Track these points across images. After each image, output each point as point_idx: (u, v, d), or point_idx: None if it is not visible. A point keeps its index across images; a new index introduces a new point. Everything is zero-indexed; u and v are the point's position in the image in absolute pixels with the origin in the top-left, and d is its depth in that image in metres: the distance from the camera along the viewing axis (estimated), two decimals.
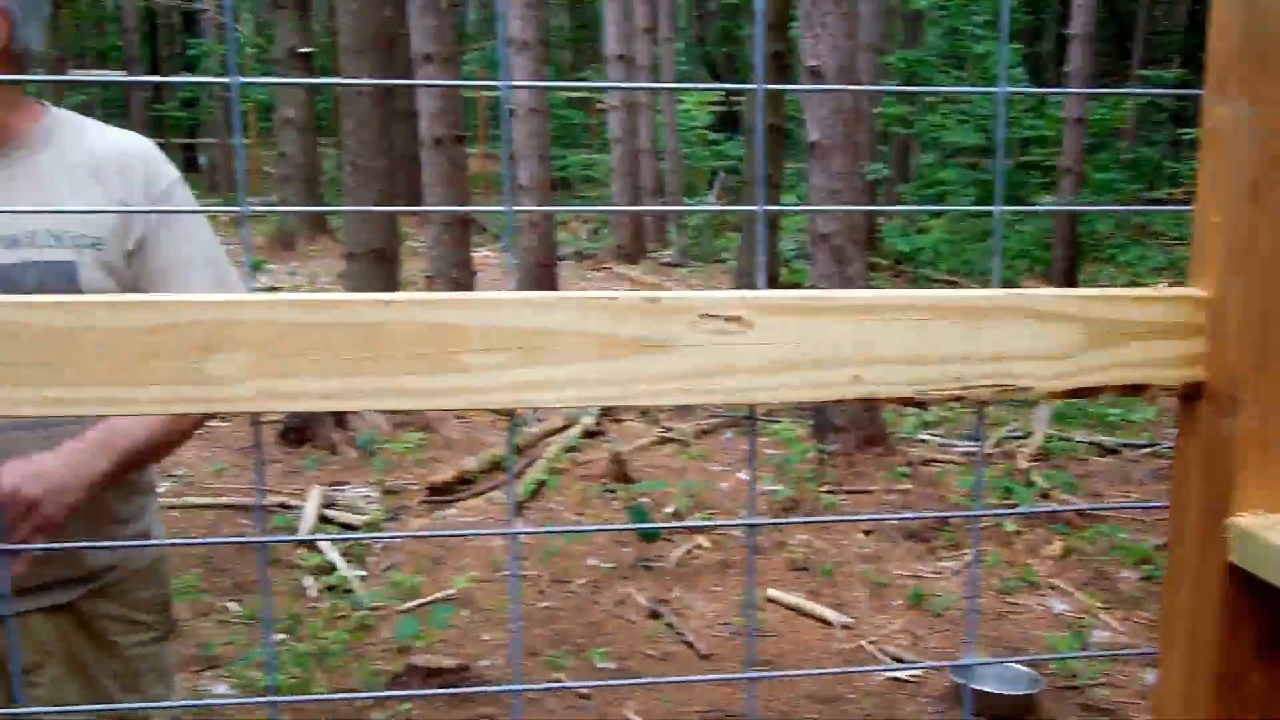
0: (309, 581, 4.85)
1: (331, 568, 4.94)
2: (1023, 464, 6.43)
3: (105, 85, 26.54)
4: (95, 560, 1.92)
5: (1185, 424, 1.03)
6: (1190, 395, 1.01)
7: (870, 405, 3.65)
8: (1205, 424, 1.01)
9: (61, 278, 1.80)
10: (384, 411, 4.44)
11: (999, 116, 1.00)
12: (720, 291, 0.95)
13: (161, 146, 2.02)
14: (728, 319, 0.94)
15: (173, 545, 1.17)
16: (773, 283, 11.95)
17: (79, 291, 1.79)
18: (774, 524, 1.04)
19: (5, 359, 0.83)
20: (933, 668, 1.76)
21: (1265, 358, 0.97)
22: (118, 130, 1.98)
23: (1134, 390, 1.03)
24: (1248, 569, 0.97)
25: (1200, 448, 1.01)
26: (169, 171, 1.96)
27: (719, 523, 1.35)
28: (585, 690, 4.03)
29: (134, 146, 1.95)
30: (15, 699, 1.85)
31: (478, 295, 0.90)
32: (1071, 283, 13.38)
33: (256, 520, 1.93)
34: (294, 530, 5.30)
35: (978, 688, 3.94)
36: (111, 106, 26.20)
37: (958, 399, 0.99)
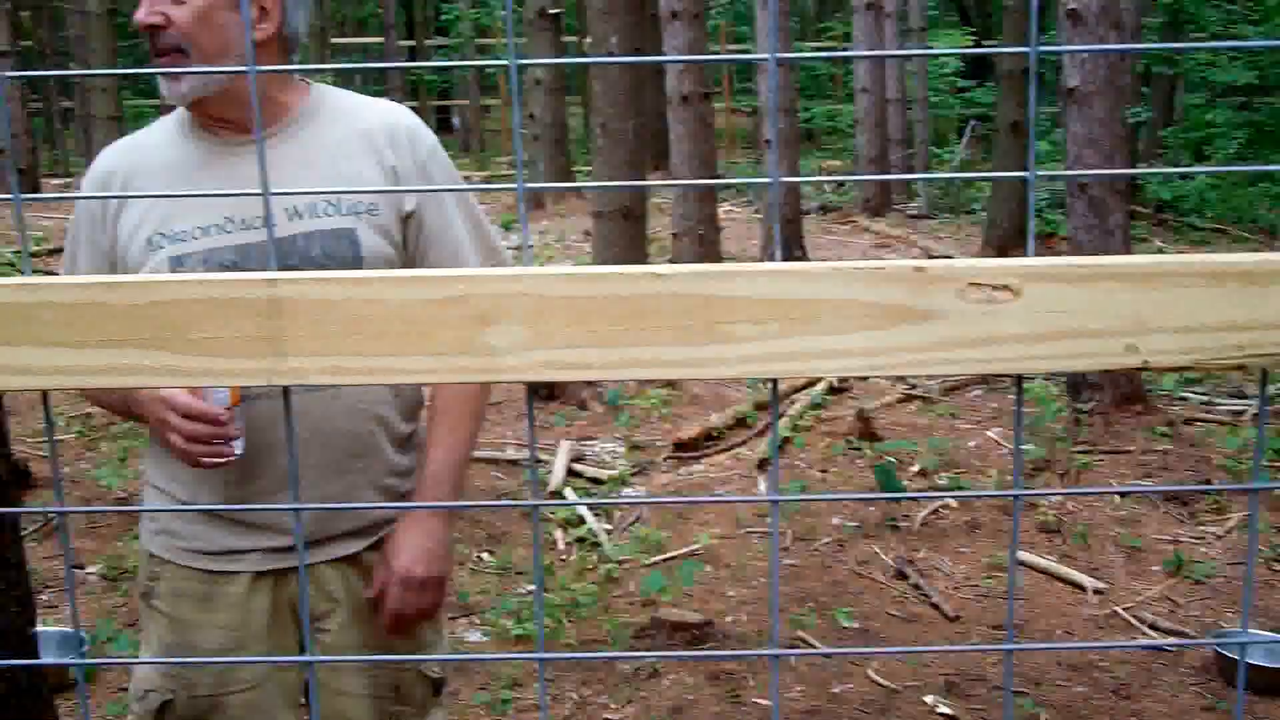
0: (558, 534, 4.99)
1: (580, 520, 5.07)
2: None
3: (369, 53, 27.62)
4: (378, 513, 2.06)
5: None
6: None
7: None
8: None
9: (344, 243, 1.93)
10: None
11: None
12: (989, 260, 0.93)
13: (416, 109, 2.13)
14: (996, 287, 0.92)
15: (455, 507, 1.23)
16: (1024, 233, 11.56)
17: (360, 255, 1.92)
18: (1040, 495, 1.02)
19: (302, 331, 0.88)
20: (1200, 645, 1.69)
21: None
22: (377, 100, 2.12)
23: None
24: None
25: None
26: (429, 137, 2.08)
27: (981, 493, 1.32)
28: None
29: (397, 116, 2.07)
30: (304, 646, 2.00)
31: (744, 266, 0.90)
32: None
33: (531, 485, 2.11)
34: (544, 483, 5.46)
35: (1242, 659, 3.77)
36: (368, 71, 27.23)
37: (1238, 368, 0.95)
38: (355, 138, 2.01)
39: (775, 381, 1.00)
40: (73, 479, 5.47)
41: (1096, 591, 4.42)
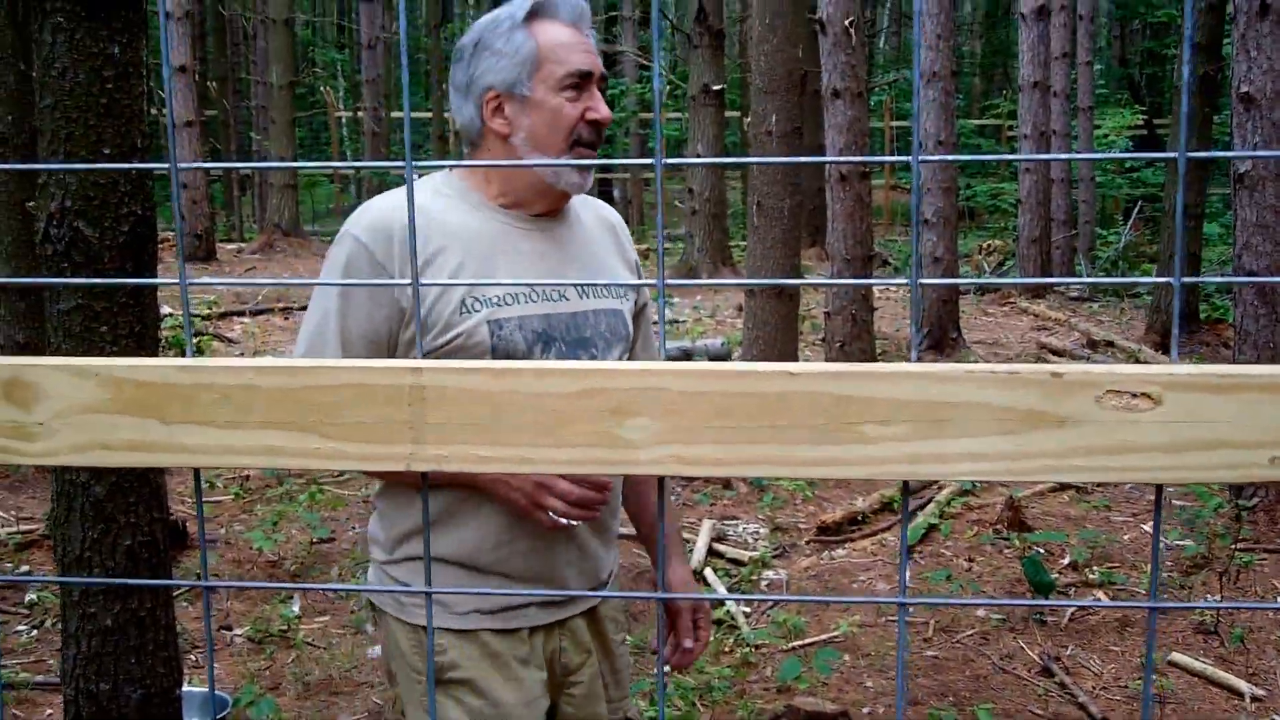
0: None
1: (719, 601, 5.03)
2: None
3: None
4: (610, 566, 2.20)
5: None
6: None
7: None
8: None
9: (618, 321, 2.13)
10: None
11: None
12: (1128, 366, 0.93)
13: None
14: (1135, 395, 0.91)
15: (577, 595, 1.25)
16: (1192, 319, 11.24)
17: (628, 334, 2.14)
18: (1177, 607, 0.99)
19: (444, 419, 0.91)
20: None
21: None
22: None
23: None
24: None
25: None
26: None
27: (1118, 604, 1.29)
28: None
29: (615, 212, 2.33)
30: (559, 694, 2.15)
31: (879, 367, 0.91)
32: None
33: (659, 579, 2.23)
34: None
35: None
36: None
37: None
38: (604, 229, 2.22)
39: (906, 483, 1.01)
40: (227, 540, 5.63)
41: (1254, 699, 4.22)
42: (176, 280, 0.93)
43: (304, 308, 12.15)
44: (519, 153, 1.99)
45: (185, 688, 3.69)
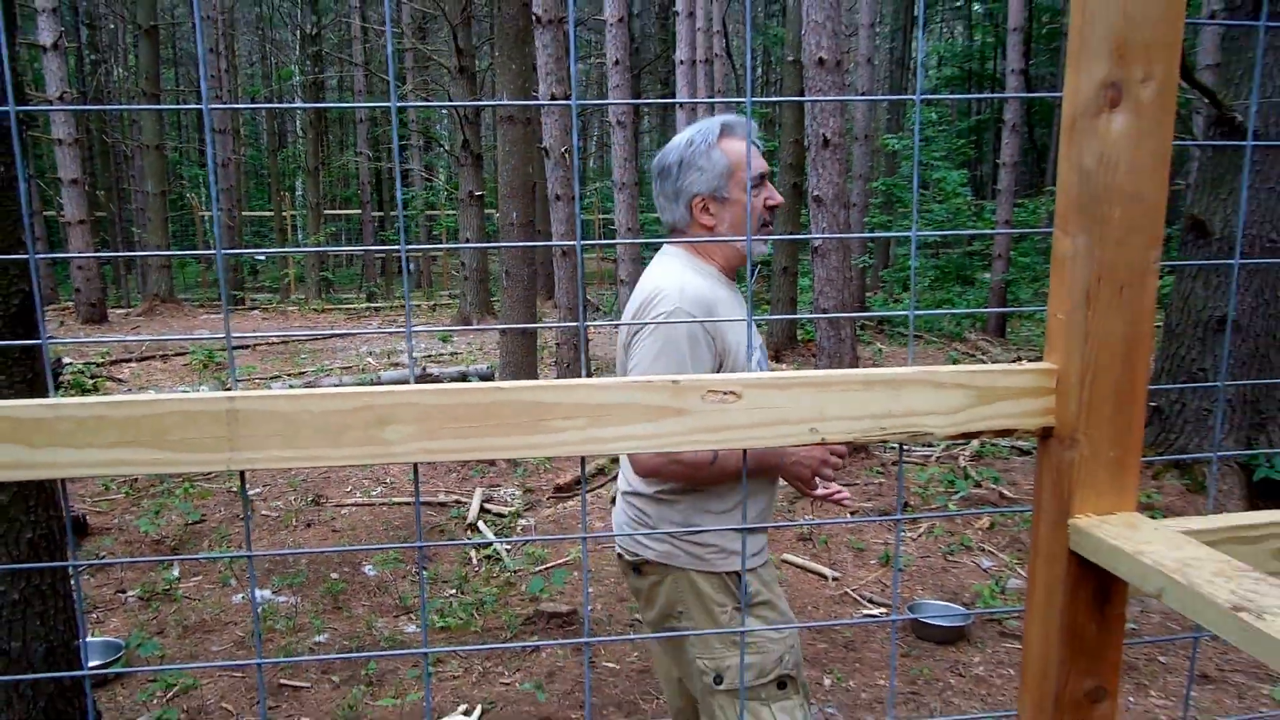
0: (472, 554, 4.88)
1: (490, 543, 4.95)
2: (963, 462, 6.29)
3: (350, 221, 27.16)
4: None
5: (1041, 454, 1.03)
6: (1044, 435, 1.01)
7: None
8: (1054, 454, 1.01)
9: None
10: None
11: (912, 254, 1.02)
12: (722, 375, 0.97)
13: (385, 259, 2.16)
14: (725, 393, 0.96)
15: (338, 551, 1.21)
16: (794, 341, 11.85)
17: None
18: (755, 529, 1.04)
19: (253, 432, 0.88)
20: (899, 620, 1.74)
21: (1092, 410, 0.97)
22: None
23: (1006, 433, 1.03)
24: (1082, 554, 0.97)
25: (1051, 471, 1.02)
26: None
27: (717, 528, 1.39)
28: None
29: None
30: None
31: (561, 381, 0.93)
32: (1002, 334, 13.09)
33: (417, 532, 2.12)
34: (464, 517, 5.35)
35: (926, 620, 3.86)
36: (353, 236, 26.87)
37: (882, 441, 1.01)
38: None
39: (583, 459, 1.03)
40: (120, 528, 5.17)
41: (834, 579, 4.48)
42: (39, 340, 0.86)
43: (178, 354, 11.04)
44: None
45: (92, 638, 3.37)
